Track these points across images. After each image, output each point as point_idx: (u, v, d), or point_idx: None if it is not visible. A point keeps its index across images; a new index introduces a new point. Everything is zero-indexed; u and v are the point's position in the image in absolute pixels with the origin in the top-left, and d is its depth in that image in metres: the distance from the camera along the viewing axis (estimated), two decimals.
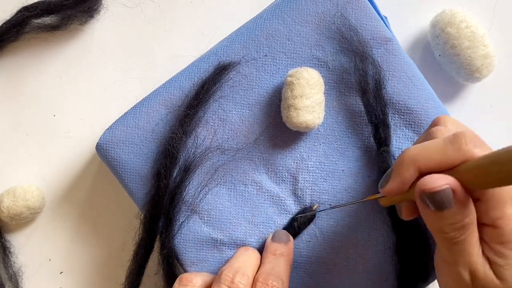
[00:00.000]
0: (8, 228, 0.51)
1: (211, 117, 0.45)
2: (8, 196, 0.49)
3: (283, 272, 0.40)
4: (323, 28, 0.44)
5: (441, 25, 0.47)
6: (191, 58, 0.47)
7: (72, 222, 0.51)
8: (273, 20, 0.44)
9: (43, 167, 0.51)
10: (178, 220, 0.44)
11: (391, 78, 0.44)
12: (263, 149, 0.45)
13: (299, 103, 0.41)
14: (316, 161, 0.44)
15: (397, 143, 0.44)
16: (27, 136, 0.51)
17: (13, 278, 0.49)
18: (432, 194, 0.32)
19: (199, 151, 0.44)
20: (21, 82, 0.52)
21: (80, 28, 0.52)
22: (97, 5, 0.50)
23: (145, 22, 0.52)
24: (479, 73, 0.47)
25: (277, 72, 0.44)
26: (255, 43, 0.44)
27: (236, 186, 0.45)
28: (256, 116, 0.45)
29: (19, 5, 0.50)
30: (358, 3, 0.44)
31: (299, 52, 0.44)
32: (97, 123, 0.51)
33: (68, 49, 0.52)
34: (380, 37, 0.44)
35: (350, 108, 0.44)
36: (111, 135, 0.45)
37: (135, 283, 0.46)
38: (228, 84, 0.45)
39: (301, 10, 0.44)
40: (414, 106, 0.44)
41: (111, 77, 0.51)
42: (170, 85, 0.45)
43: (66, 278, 0.51)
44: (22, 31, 0.50)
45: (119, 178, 0.45)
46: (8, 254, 0.50)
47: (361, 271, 0.44)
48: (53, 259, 0.51)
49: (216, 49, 0.45)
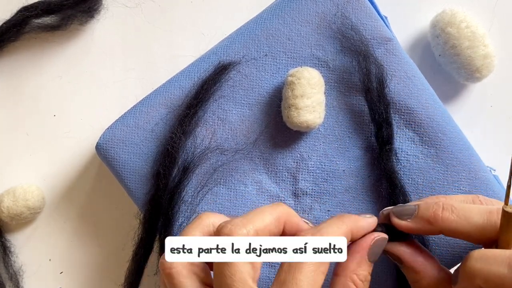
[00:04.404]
0: (8, 228, 0.51)
1: (210, 117, 0.45)
2: (8, 196, 0.49)
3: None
4: (324, 27, 0.44)
5: (441, 25, 0.47)
6: (191, 58, 0.47)
7: (72, 222, 0.51)
8: (273, 19, 0.44)
9: (43, 167, 0.51)
10: (178, 220, 0.44)
11: (391, 78, 0.43)
12: (263, 149, 0.45)
13: (300, 103, 0.41)
14: (317, 161, 0.44)
15: (397, 143, 0.44)
16: (27, 136, 0.51)
17: (13, 278, 0.49)
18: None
19: (199, 150, 0.44)
20: (21, 82, 0.52)
21: (80, 28, 0.52)
22: (97, 5, 0.50)
23: (145, 22, 0.52)
24: (479, 73, 0.47)
25: (278, 72, 0.44)
26: (255, 43, 0.44)
27: (236, 186, 0.45)
28: (256, 115, 0.45)
29: (19, 5, 0.50)
30: (358, 3, 0.44)
31: (299, 51, 0.44)
32: (97, 123, 0.51)
33: (68, 49, 0.52)
34: (380, 37, 0.44)
35: (351, 108, 0.44)
36: (111, 135, 0.45)
37: (134, 283, 0.45)
38: (228, 83, 0.45)
39: (302, 10, 0.44)
40: (414, 106, 0.44)
41: (111, 77, 0.51)
42: (170, 85, 0.45)
43: (66, 278, 0.51)
44: (22, 31, 0.50)
45: (118, 178, 0.45)
46: (8, 254, 0.50)
47: None
48: (53, 259, 0.51)
49: (216, 49, 0.45)
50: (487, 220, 0.34)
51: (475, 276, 0.32)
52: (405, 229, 0.36)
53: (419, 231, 0.36)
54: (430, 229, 0.35)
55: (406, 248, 0.37)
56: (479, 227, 0.34)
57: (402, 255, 0.37)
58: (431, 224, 0.35)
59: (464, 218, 0.34)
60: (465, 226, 0.34)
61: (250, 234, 0.32)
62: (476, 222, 0.34)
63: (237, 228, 0.32)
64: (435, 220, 0.35)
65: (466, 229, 0.34)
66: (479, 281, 0.32)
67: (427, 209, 0.35)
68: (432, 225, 0.35)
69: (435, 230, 0.35)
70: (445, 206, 0.35)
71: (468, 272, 0.32)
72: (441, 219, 0.35)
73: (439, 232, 0.35)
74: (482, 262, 0.32)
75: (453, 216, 0.34)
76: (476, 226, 0.34)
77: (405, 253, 0.37)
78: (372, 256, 0.35)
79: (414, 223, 0.36)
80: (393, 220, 0.37)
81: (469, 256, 0.33)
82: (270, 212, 0.33)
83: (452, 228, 0.34)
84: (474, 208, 0.35)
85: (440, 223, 0.35)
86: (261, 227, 0.32)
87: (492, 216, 0.34)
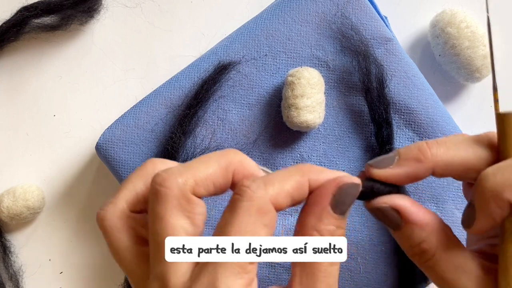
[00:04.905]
0: (8, 228, 0.51)
1: (210, 117, 0.45)
2: (8, 196, 0.49)
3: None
4: (324, 27, 0.44)
5: (441, 25, 0.47)
6: (191, 58, 0.47)
7: (72, 222, 0.51)
8: (273, 19, 0.44)
9: (43, 167, 0.51)
10: None
11: (391, 78, 0.44)
12: (263, 149, 0.45)
13: (300, 103, 0.41)
14: (316, 161, 0.44)
15: (397, 143, 0.44)
16: (27, 136, 0.51)
17: (13, 278, 0.49)
18: (373, 211, 0.30)
19: (199, 150, 0.44)
20: (21, 82, 0.52)
21: (80, 28, 0.52)
22: (97, 5, 0.50)
23: (145, 22, 0.52)
24: (479, 73, 0.47)
25: (277, 72, 0.44)
26: (255, 43, 0.44)
27: None
28: (256, 115, 0.45)
29: (19, 5, 0.50)
30: (358, 3, 0.44)
31: (299, 51, 0.44)
32: (97, 123, 0.51)
33: (68, 49, 0.52)
34: (380, 37, 0.44)
35: (351, 108, 0.44)
36: (111, 135, 0.45)
37: None
38: (228, 83, 0.45)
39: (302, 10, 0.44)
40: (414, 106, 0.44)
41: (111, 77, 0.51)
42: (170, 85, 0.45)
43: (66, 278, 0.51)
44: (22, 31, 0.50)
45: (118, 178, 0.45)
46: (8, 254, 0.50)
47: (361, 272, 0.44)
48: (53, 259, 0.51)
49: (216, 49, 0.45)
50: (479, 141, 0.30)
51: (501, 193, 0.27)
52: (390, 178, 0.30)
53: (406, 178, 0.30)
54: (418, 171, 0.30)
55: (403, 199, 0.30)
56: (474, 151, 0.29)
57: (402, 205, 0.30)
58: (420, 161, 0.29)
59: (454, 147, 0.29)
60: (458, 154, 0.29)
61: (188, 184, 0.27)
62: (467, 147, 0.29)
63: (172, 177, 0.27)
64: (424, 155, 0.29)
65: (460, 157, 0.29)
66: (508, 194, 0.27)
67: (409, 150, 0.30)
68: (421, 163, 0.29)
69: (424, 170, 0.30)
70: (428, 142, 0.30)
71: (489, 194, 0.27)
72: (430, 154, 0.29)
73: (430, 171, 0.30)
74: (503, 173, 0.27)
75: (441, 148, 0.29)
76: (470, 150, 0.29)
77: (405, 203, 0.30)
78: (339, 206, 0.28)
79: (400, 166, 0.30)
80: (373, 172, 0.30)
81: (482, 178, 0.28)
82: (216, 159, 0.28)
83: (445, 160, 0.29)
84: (459, 136, 0.30)
85: (430, 158, 0.29)
86: (202, 177, 0.27)
87: (481, 138, 0.30)
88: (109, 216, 0.29)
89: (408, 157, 0.30)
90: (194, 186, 0.27)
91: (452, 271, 0.29)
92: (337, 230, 0.28)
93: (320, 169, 0.28)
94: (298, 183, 0.28)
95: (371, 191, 0.30)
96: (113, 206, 0.29)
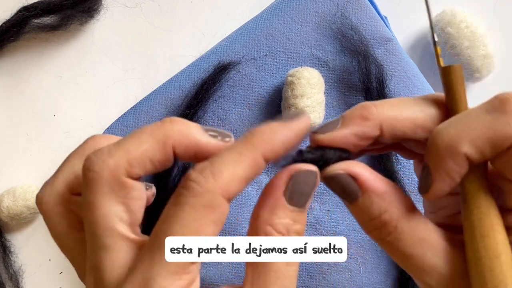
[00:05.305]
0: (8, 228, 0.51)
1: (210, 117, 0.45)
2: (8, 196, 0.49)
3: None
4: (324, 27, 0.44)
5: (441, 25, 0.47)
6: (191, 58, 0.47)
7: None
8: (273, 19, 0.44)
9: (43, 167, 0.51)
10: None
11: (391, 78, 0.44)
12: None
13: (299, 103, 0.41)
14: None
15: None
16: (27, 136, 0.51)
17: (13, 278, 0.49)
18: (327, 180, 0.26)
19: None
20: (21, 82, 0.52)
21: (80, 28, 0.52)
22: (97, 5, 0.50)
23: (145, 22, 0.52)
24: (479, 73, 0.47)
25: (277, 72, 0.44)
26: (255, 43, 0.44)
27: None
28: (256, 115, 0.45)
29: (19, 5, 0.50)
30: (358, 3, 0.44)
31: (299, 51, 0.44)
32: (97, 123, 0.51)
33: (68, 49, 0.52)
34: (380, 37, 0.44)
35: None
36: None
37: None
38: (228, 83, 0.45)
39: (301, 10, 0.44)
40: None
41: (111, 77, 0.51)
42: (170, 84, 0.45)
43: (66, 278, 0.51)
44: (22, 31, 0.50)
45: None
46: (8, 254, 0.50)
47: (361, 271, 0.44)
48: (53, 259, 0.51)
49: (216, 49, 0.45)
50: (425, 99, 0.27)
51: (456, 147, 0.24)
52: (337, 140, 0.27)
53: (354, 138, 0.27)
54: (364, 129, 0.26)
55: (360, 165, 0.26)
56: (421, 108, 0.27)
57: (360, 172, 0.26)
58: (365, 119, 0.26)
59: (399, 105, 0.27)
60: (405, 111, 0.26)
61: (120, 166, 0.24)
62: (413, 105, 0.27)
63: (100, 160, 0.24)
64: (369, 111, 0.26)
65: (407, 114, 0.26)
66: (466, 148, 0.24)
67: (354, 109, 0.27)
68: (367, 120, 0.26)
69: (371, 127, 0.26)
70: (373, 102, 0.27)
71: (443, 150, 0.25)
72: (375, 110, 0.26)
73: (377, 129, 0.26)
74: (456, 127, 0.25)
75: (386, 105, 0.27)
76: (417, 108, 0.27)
77: (363, 170, 0.26)
78: (294, 197, 0.25)
79: (345, 126, 0.27)
80: (318, 138, 0.27)
81: (434, 134, 0.25)
82: (150, 133, 0.25)
83: (391, 116, 0.26)
84: (404, 97, 0.28)
85: (376, 114, 0.26)
86: (136, 155, 0.24)
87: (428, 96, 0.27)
88: (46, 199, 0.26)
89: (353, 116, 0.27)
90: (127, 168, 0.24)
91: (416, 245, 0.26)
92: (294, 224, 0.25)
93: (273, 133, 0.25)
94: (251, 162, 0.24)
95: (323, 160, 0.27)
96: (50, 188, 0.26)
